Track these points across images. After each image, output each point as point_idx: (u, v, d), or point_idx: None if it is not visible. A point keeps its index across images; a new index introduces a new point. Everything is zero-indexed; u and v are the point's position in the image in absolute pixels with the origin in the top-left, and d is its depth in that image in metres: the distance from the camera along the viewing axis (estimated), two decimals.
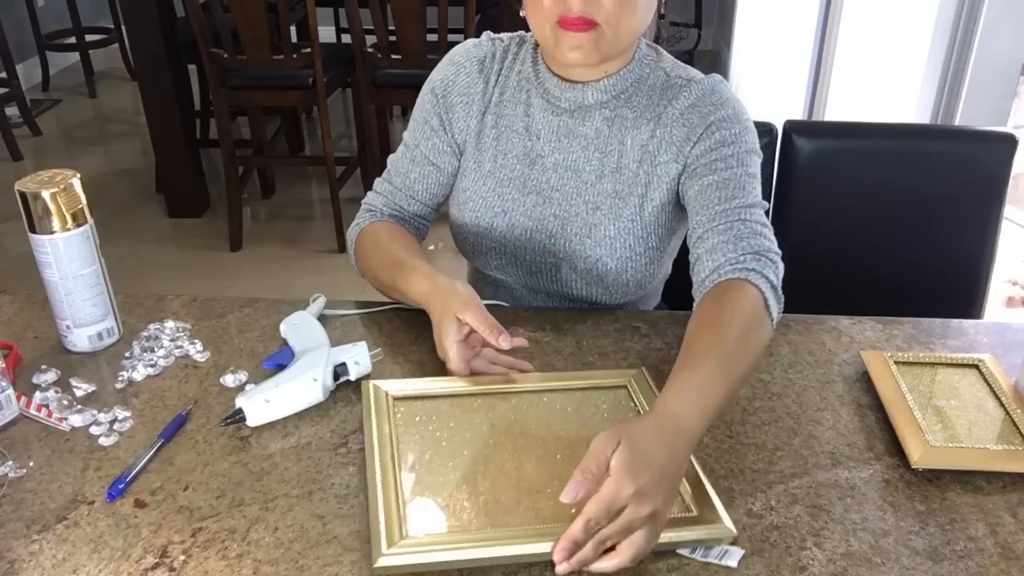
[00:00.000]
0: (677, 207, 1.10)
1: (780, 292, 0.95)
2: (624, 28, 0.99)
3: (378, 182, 1.21)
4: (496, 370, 0.97)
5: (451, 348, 0.95)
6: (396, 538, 0.75)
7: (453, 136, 1.15)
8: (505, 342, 0.92)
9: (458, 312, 0.95)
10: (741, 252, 0.95)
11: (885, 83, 2.39)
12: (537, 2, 0.99)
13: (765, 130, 1.38)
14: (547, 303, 1.18)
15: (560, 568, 0.70)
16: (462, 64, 1.14)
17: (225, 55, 2.76)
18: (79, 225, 0.97)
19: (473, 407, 0.93)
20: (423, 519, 0.78)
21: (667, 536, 0.74)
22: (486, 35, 1.17)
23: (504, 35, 1.16)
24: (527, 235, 1.12)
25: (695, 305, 0.95)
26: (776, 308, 0.94)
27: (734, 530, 0.76)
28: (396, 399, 0.93)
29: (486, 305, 1.09)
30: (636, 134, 1.08)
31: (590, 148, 1.09)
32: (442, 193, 1.20)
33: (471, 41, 1.16)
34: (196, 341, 1.04)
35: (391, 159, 1.21)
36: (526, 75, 1.12)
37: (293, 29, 2.99)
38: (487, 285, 1.22)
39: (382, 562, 0.73)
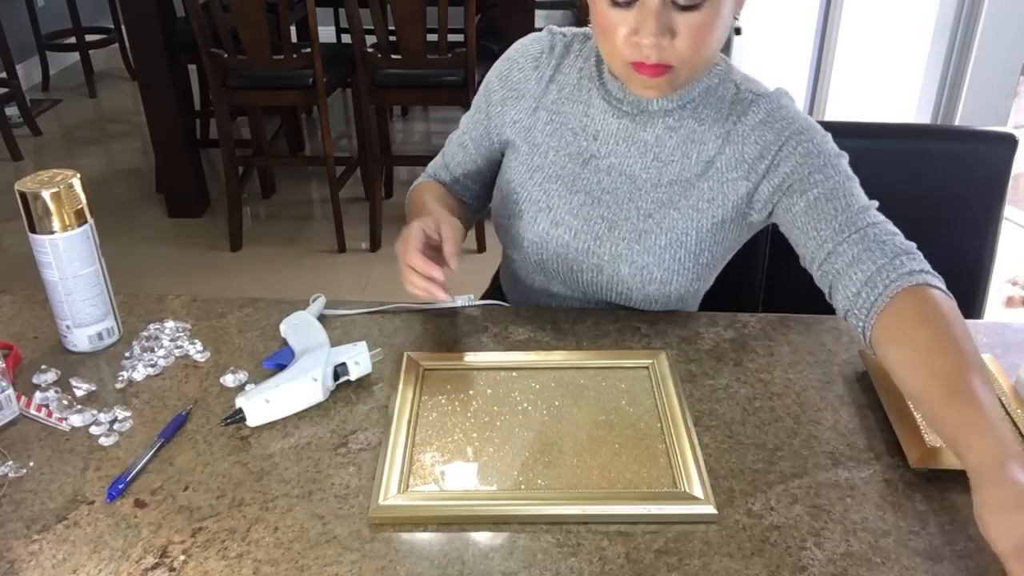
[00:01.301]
0: (738, 227, 1.08)
1: (942, 281, 0.92)
2: (699, 65, 0.98)
3: (438, 155, 1.28)
4: (415, 284, 0.99)
5: (416, 236, 0.99)
6: (397, 488, 0.81)
7: (496, 128, 1.17)
8: (454, 264, 0.99)
9: (441, 221, 1.01)
10: (892, 256, 0.92)
11: (885, 83, 2.39)
12: (609, 35, 0.96)
13: None
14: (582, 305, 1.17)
15: None
16: (515, 60, 1.15)
17: (225, 55, 2.76)
18: (79, 225, 0.97)
19: (497, 379, 0.97)
20: (427, 474, 0.84)
21: (648, 508, 0.79)
22: (547, 29, 1.15)
23: (568, 29, 1.15)
24: (571, 233, 1.09)
25: (880, 320, 0.88)
26: (946, 292, 0.91)
27: (714, 509, 0.79)
28: (427, 370, 0.99)
29: (486, 307, 1.10)
30: (703, 149, 1.06)
31: (649, 155, 1.07)
32: (483, 179, 1.24)
33: (531, 35, 1.15)
34: (196, 341, 1.04)
35: (451, 136, 1.26)
36: (588, 74, 1.10)
37: (293, 29, 2.99)
38: (519, 283, 1.21)
39: (382, 502, 0.79)
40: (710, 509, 0.79)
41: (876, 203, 1.00)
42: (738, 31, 1.07)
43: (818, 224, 0.97)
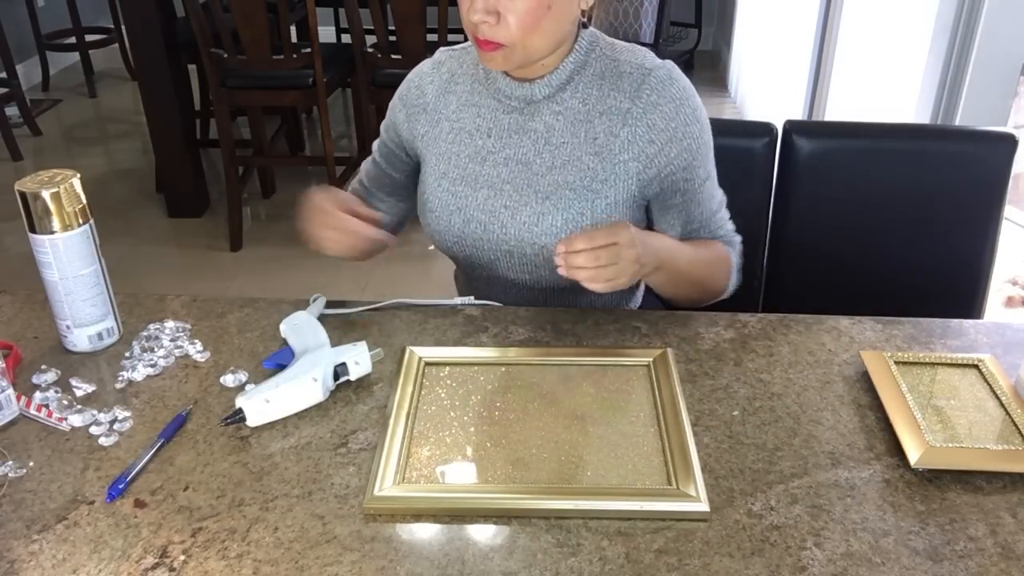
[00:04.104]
0: (632, 207, 1.13)
1: (739, 274, 1.19)
2: (532, 46, 1.04)
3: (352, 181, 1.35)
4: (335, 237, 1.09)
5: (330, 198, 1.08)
6: (393, 479, 0.82)
7: (409, 145, 1.23)
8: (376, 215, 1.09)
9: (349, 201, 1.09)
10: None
11: (885, 83, 2.39)
12: (461, 11, 1.05)
13: (765, 130, 1.38)
14: (509, 290, 1.21)
15: (560, 256, 0.96)
16: (411, 80, 1.22)
17: (225, 55, 2.76)
18: (79, 225, 0.97)
19: (496, 375, 0.98)
20: (424, 467, 0.85)
21: (641, 504, 0.79)
22: (439, 50, 1.23)
23: (457, 46, 1.22)
24: (482, 227, 1.15)
25: None
26: (736, 278, 1.19)
27: (707, 507, 0.79)
28: (428, 364, 0.99)
29: (481, 307, 1.11)
30: (589, 127, 1.10)
31: (540, 142, 1.12)
32: (398, 194, 1.29)
33: (423, 62, 1.24)
34: (196, 341, 1.04)
35: (363, 163, 1.33)
36: (479, 79, 1.16)
37: (293, 29, 2.99)
38: (467, 277, 1.27)
39: (377, 493, 0.80)
40: (703, 507, 0.79)
41: (724, 198, 1.19)
42: (585, 25, 1.10)
43: (685, 221, 1.16)
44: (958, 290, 1.43)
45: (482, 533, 0.78)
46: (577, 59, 1.10)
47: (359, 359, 0.96)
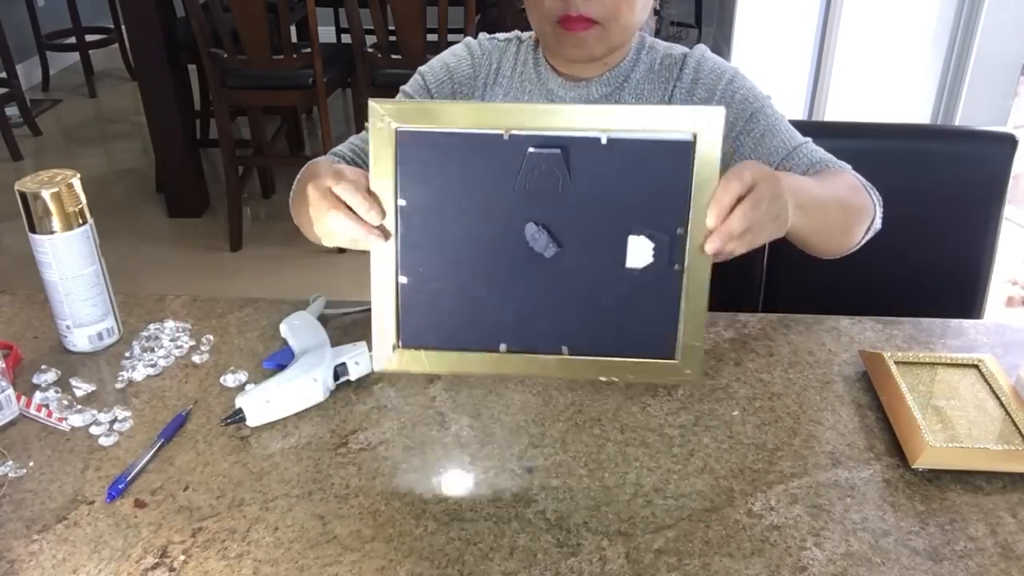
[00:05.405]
0: None
1: (874, 191, 1.05)
2: (624, 25, 1.02)
3: (345, 144, 1.15)
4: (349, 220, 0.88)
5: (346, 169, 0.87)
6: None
7: None
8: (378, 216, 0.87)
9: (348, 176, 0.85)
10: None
11: (885, 83, 2.39)
12: (537, 1, 1.01)
13: None
14: None
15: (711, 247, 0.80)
16: (461, 56, 1.16)
17: (225, 55, 2.77)
18: (79, 225, 0.97)
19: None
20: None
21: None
22: (483, 36, 1.18)
23: (500, 35, 1.18)
24: None
25: None
26: (875, 195, 1.05)
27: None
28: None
29: None
30: None
31: None
32: None
33: (468, 40, 1.17)
34: (196, 341, 1.04)
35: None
36: (528, 77, 1.13)
37: (293, 29, 2.99)
38: None
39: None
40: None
41: (810, 140, 1.09)
42: (657, 12, 1.13)
43: (769, 158, 1.07)
44: (958, 290, 1.42)
45: (482, 532, 0.78)
46: (632, 57, 1.11)
47: (359, 359, 0.96)
